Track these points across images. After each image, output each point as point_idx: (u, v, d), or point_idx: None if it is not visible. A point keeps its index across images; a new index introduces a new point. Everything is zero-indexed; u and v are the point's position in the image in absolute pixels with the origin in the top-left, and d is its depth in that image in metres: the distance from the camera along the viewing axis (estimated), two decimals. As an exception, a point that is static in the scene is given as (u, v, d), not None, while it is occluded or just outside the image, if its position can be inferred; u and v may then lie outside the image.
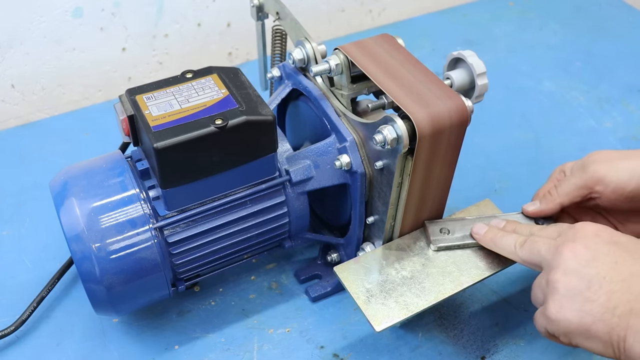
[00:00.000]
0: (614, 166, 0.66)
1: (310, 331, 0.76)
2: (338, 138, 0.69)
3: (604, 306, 0.54)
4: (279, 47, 0.82)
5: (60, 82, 1.14)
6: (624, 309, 0.54)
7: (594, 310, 0.55)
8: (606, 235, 0.58)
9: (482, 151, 1.01)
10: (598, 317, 0.54)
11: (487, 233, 0.69)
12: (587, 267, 0.56)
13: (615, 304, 0.54)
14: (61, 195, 0.65)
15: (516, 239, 0.65)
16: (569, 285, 0.57)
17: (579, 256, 0.57)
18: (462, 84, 0.68)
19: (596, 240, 0.58)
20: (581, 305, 0.55)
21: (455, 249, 0.70)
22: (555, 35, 1.30)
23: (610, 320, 0.54)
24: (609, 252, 0.57)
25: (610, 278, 0.55)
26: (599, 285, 0.55)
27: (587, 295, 0.55)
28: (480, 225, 0.70)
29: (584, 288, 0.56)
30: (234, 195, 0.68)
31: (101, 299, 0.65)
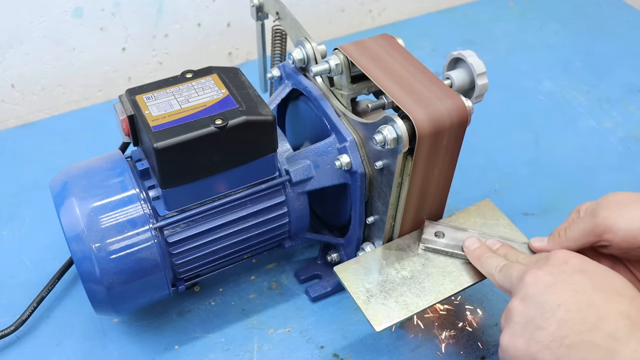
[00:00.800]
0: (624, 213, 0.61)
1: (310, 331, 0.76)
2: (338, 138, 0.69)
3: (553, 334, 0.52)
4: (278, 47, 0.82)
5: (60, 82, 1.14)
6: (574, 339, 0.51)
7: (542, 337, 0.53)
8: (576, 262, 0.56)
9: (482, 151, 1.01)
10: (545, 345, 0.52)
11: (476, 250, 0.67)
12: (544, 294, 0.54)
13: (565, 334, 0.52)
14: (61, 195, 0.65)
15: (498, 263, 0.63)
16: (524, 313, 0.55)
17: (540, 283, 0.55)
18: (462, 84, 0.68)
19: (563, 267, 0.56)
20: (531, 333, 0.54)
21: (442, 254, 0.70)
22: (555, 35, 1.30)
23: (557, 349, 0.52)
24: (572, 280, 0.54)
25: (566, 307, 0.53)
26: (552, 312, 0.53)
27: (539, 322, 0.53)
28: (473, 240, 0.68)
29: (537, 315, 0.54)
30: (234, 195, 0.68)
31: (101, 299, 0.65)
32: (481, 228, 0.73)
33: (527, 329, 0.54)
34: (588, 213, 0.64)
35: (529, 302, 0.55)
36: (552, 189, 0.95)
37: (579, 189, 0.95)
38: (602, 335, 0.50)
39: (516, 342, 0.55)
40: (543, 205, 0.92)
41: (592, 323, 0.51)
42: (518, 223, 0.74)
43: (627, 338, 0.50)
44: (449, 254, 0.70)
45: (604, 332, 0.50)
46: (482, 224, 0.73)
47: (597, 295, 0.53)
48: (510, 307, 0.57)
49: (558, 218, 0.89)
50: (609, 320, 0.51)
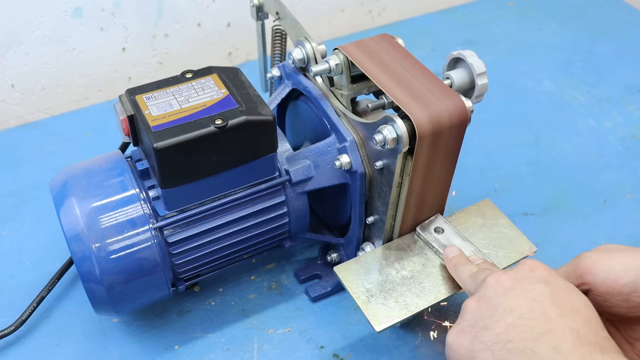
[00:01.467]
0: (607, 258, 0.59)
1: (310, 331, 0.76)
2: (338, 138, 0.69)
3: (498, 336, 0.52)
4: (278, 47, 0.82)
5: (60, 82, 1.14)
6: (517, 345, 0.51)
7: (486, 338, 0.53)
8: (542, 272, 0.56)
9: (482, 151, 1.01)
10: (487, 346, 0.52)
11: (454, 258, 0.66)
12: (501, 296, 0.54)
13: (510, 338, 0.51)
14: (61, 195, 0.65)
15: (471, 269, 0.62)
16: (475, 312, 0.55)
17: (500, 286, 0.55)
18: (461, 83, 0.68)
19: (528, 274, 0.56)
20: (477, 332, 0.53)
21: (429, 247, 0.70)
22: (555, 35, 1.30)
23: (497, 352, 0.51)
24: (533, 289, 0.54)
25: (519, 313, 0.52)
26: (502, 315, 0.53)
27: (487, 322, 0.53)
28: (454, 248, 0.68)
29: (488, 316, 0.54)
30: (234, 195, 0.68)
31: (101, 299, 0.65)
32: (481, 228, 0.73)
33: (474, 327, 0.54)
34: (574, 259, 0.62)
35: (484, 302, 0.55)
36: (552, 189, 0.95)
37: (579, 189, 0.95)
38: (546, 347, 0.50)
39: (461, 339, 0.55)
40: (543, 205, 0.92)
41: (540, 333, 0.51)
42: (518, 223, 0.74)
43: (569, 353, 0.49)
44: (433, 249, 0.70)
45: (548, 343, 0.50)
46: (482, 224, 0.73)
47: (552, 308, 0.52)
48: (464, 304, 0.57)
49: (558, 218, 0.90)
50: (557, 334, 0.50)
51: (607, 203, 0.93)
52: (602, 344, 0.50)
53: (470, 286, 0.61)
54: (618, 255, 0.59)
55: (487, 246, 0.71)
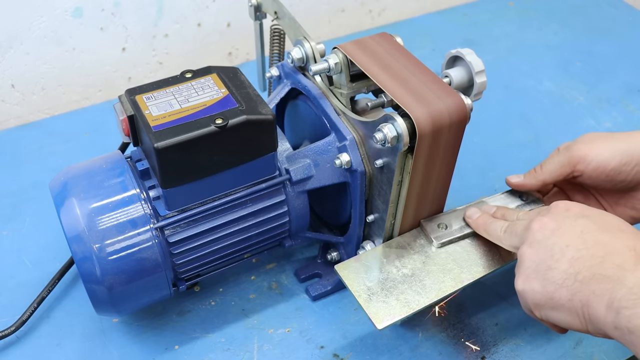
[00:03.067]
0: (596, 145, 0.68)
1: (310, 331, 0.76)
2: (338, 137, 0.69)
3: (565, 272, 0.55)
4: (277, 47, 0.82)
5: (60, 82, 1.14)
6: (586, 274, 0.54)
7: (555, 277, 0.55)
8: (577, 209, 0.59)
9: (482, 151, 1.01)
10: (559, 284, 0.55)
11: (479, 218, 0.70)
12: (551, 237, 0.57)
13: (577, 270, 0.54)
14: (61, 196, 0.65)
15: (502, 225, 0.66)
16: (533, 257, 0.58)
17: (545, 228, 0.58)
18: (460, 81, 0.68)
19: (566, 214, 0.59)
20: (544, 274, 0.56)
21: (457, 241, 0.71)
22: (555, 35, 1.30)
23: (571, 286, 0.54)
24: (577, 223, 0.57)
25: (575, 246, 0.55)
26: (561, 253, 0.56)
27: (549, 263, 0.56)
28: (473, 209, 0.71)
29: (547, 257, 0.56)
30: (234, 195, 0.68)
31: (102, 300, 0.65)
32: None
33: (539, 271, 0.57)
34: (564, 148, 0.70)
35: (537, 246, 0.58)
36: (552, 189, 0.95)
37: (579, 188, 0.95)
38: (612, 267, 0.53)
39: (531, 284, 0.57)
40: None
41: (601, 257, 0.54)
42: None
43: (633, 267, 0.52)
44: (462, 237, 0.71)
45: (613, 264, 0.53)
46: None
47: (602, 234, 0.56)
48: (520, 254, 0.59)
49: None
50: (617, 254, 0.54)
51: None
52: None
53: (509, 240, 0.64)
54: (604, 143, 0.68)
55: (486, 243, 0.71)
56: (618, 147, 0.68)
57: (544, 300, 0.56)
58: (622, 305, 0.50)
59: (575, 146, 0.69)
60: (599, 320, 0.52)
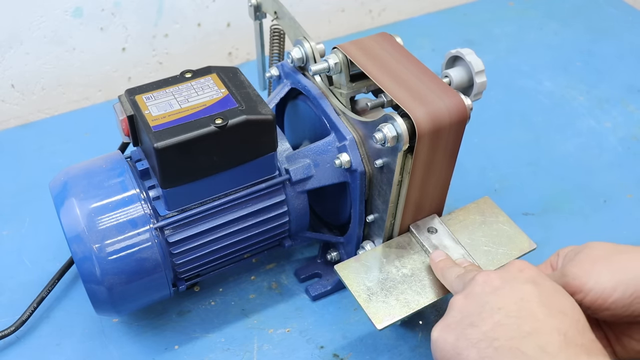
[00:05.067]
0: (594, 273, 0.58)
1: (310, 331, 0.76)
2: (337, 137, 0.69)
3: (484, 334, 0.52)
4: (277, 47, 0.82)
5: (60, 82, 1.14)
6: (504, 343, 0.50)
7: (472, 335, 0.52)
8: (530, 273, 0.56)
9: (482, 151, 1.01)
10: (473, 343, 0.52)
11: (440, 262, 0.66)
12: (489, 294, 0.54)
13: (497, 336, 0.51)
14: (61, 196, 0.65)
15: (457, 271, 0.62)
16: (462, 309, 0.55)
17: (488, 284, 0.55)
18: (460, 81, 0.68)
19: (516, 274, 0.55)
20: (463, 329, 0.53)
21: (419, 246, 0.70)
22: (555, 35, 1.30)
23: (484, 349, 0.51)
24: (521, 289, 0.54)
25: (507, 312, 0.52)
26: (490, 313, 0.53)
27: (474, 319, 0.53)
28: (440, 252, 0.67)
29: (475, 313, 0.53)
30: (234, 195, 0.68)
31: (102, 300, 0.65)
32: (480, 226, 0.73)
33: (460, 324, 0.54)
34: (560, 271, 0.61)
35: (471, 299, 0.55)
36: (552, 189, 0.95)
37: (579, 189, 0.95)
38: (533, 346, 0.50)
39: (446, 335, 0.54)
40: (543, 205, 0.92)
41: (527, 332, 0.51)
42: (518, 223, 0.74)
43: (555, 354, 0.49)
44: (424, 249, 0.70)
45: (535, 343, 0.50)
46: (482, 221, 0.73)
47: (540, 308, 0.52)
48: (451, 301, 0.57)
49: (558, 218, 0.90)
50: (544, 334, 0.50)
51: (607, 203, 0.93)
52: (588, 346, 0.50)
53: (457, 287, 0.60)
54: (605, 269, 0.58)
55: (487, 243, 0.71)
56: (622, 276, 0.57)
57: (450, 354, 0.53)
58: None
59: (572, 272, 0.59)
60: None
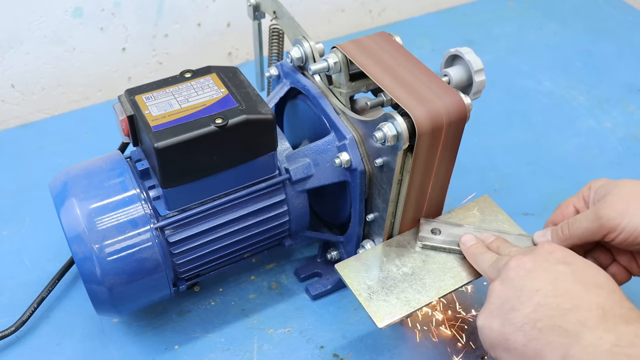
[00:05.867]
0: (628, 213, 0.62)
1: (310, 331, 0.76)
2: (337, 136, 0.69)
3: (526, 317, 0.54)
4: (276, 47, 0.82)
5: (60, 82, 1.14)
6: (547, 323, 0.52)
7: (516, 319, 0.54)
8: (560, 254, 0.58)
9: (482, 151, 1.01)
10: (518, 327, 0.54)
11: (472, 247, 0.67)
12: (524, 278, 0.56)
13: (539, 317, 0.53)
14: (61, 196, 0.65)
15: (490, 258, 0.64)
16: (501, 294, 0.57)
17: (521, 267, 0.57)
18: (459, 80, 0.68)
19: (547, 257, 0.57)
20: (506, 314, 0.55)
21: (439, 250, 0.70)
22: (555, 35, 1.30)
23: (529, 331, 0.53)
24: (554, 269, 0.56)
25: (544, 292, 0.54)
26: (528, 296, 0.54)
27: (514, 304, 0.55)
28: (469, 236, 0.69)
29: (514, 297, 0.55)
30: (234, 194, 0.68)
31: (103, 300, 0.65)
32: (480, 224, 0.73)
33: (502, 310, 0.56)
34: (593, 210, 0.64)
35: (507, 284, 0.57)
36: (552, 189, 0.95)
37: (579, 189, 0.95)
38: (573, 322, 0.52)
39: (491, 322, 0.56)
40: (543, 205, 0.92)
41: (566, 309, 0.52)
42: (518, 223, 0.74)
43: (595, 326, 0.51)
44: (446, 250, 0.70)
45: (575, 318, 0.52)
46: (481, 220, 0.73)
47: (576, 286, 0.54)
48: (490, 288, 0.59)
49: (558, 217, 0.90)
50: (583, 309, 0.52)
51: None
52: (627, 316, 0.52)
53: (491, 274, 0.62)
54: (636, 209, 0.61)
55: None
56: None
57: (498, 340, 0.55)
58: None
59: (606, 213, 0.63)
60: None
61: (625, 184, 0.65)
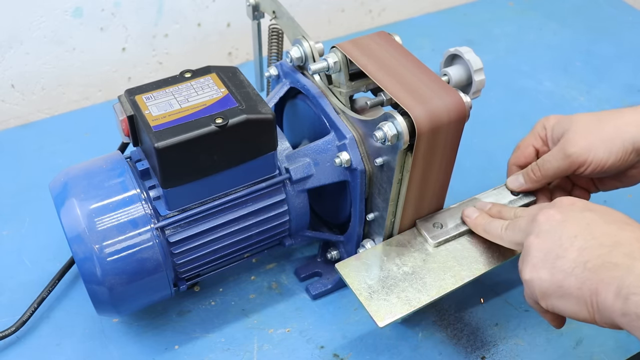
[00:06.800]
0: (593, 147, 0.69)
1: (310, 331, 0.76)
2: (337, 135, 0.69)
3: (575, 261, 0.55)
4: (275, 46, 0.82)
5: (60, 82, 1.14)
6: (595, 262, 0.54)
7: (565, 265, 0.55)
8: (581, 204, 0.60)
9: (482, 151, 1.01)
10: (569, 272, 0.55)
11: (478, 218, 0.70)
12: (559, 227, 0.58)
13: (586, 259, 0.55)
14: (61, 197, 0.65)
15: (502, 223, 0.66)
16: (541, 246, 0.58)
17: (552, 219, 0.59)
18: (459, 80, 0.68)
19: (571, 207, 0.60)
20: (553, 263, 0.56)
21: (452, 240, 0.71)
22: (555, 35, 1.30)
23: (581, 274, 0.54)
24: (583, 216, 0.58)
25: (583, 236, 0.56)
26: (570, 242, 0.56)
27: (558, 252, 0.56)
28: (471, 209, 0.72)
29: (555, 246, 0.57)
30: (234, 194, 0.68)
31: (103, 300, 0.65)
32: None
33: (547, 260, 0.57)
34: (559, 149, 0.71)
35: (545, 236, 0.58)
36: (553, 188, 0.95)
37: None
38: (620, 255, 0.53)
39: (539, 273, 0.57)
40: (543, 205, 0.92)
41: (610, 246, 0.54)
42: (518, 222, 0.74)
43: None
44: (457, 235, 0.71)
45: (621, 252, 0.53)
46: None
47: (609, 226, 0.57)
48: (526, 244, 0.60)
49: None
50: (625, 244, 0.54)
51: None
52: None
53: (511, 236, 0.65)
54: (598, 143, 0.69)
55: None
56: (613, 145, 0.69)
57: (552, 289, 0.56)
58: (631, 292, 0.50)
59: (572, 149, 0.70)
60: (607, 308, 0.52)
61: (579, 119, 0.71)
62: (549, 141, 0.75)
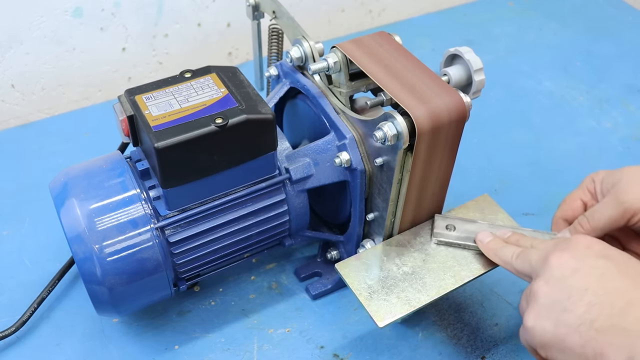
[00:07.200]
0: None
1: (310, 331, 0.76)
2: (337, 135, 0.69)
3: (581, 318, 0.53)
4: (275, 46, 0.82)
5: (60, 82, 1.14)
6: (603, 323, 0.52)
7: (570, 320, 0.53)
8: (598, 248, 0.57)
9: (482, 151, 1.01)
10: (573, 328, 0.53)
11: (490, 243, 0.67)
12: (570, 277, 0.55)
13: (594, 317, 0.52)
14: (61, 197, 0.65)
15: (514, 251, 0.64)
16: (549, 294, 0.56)
17: (564, 266, 0.56)
18: (459, 80, 0.68)
19: (586, 252, 0.56)
20: (558, 315, 0.54)
21: (455, 247, 0.70)
22: (555, 35, 1.30)
23: (585, 332, 0.52)
24: (597, 265, 0.55)
25: (594, 291, 0.53)
26: (579, 296, 0.54)
27: (566, 305, 0.54)
28: (485, 233, 0.69)
29: (563, 298, 0.54)
30: (234, 194, 0.68)
31: (103, 300, 0.65)
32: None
33: (553, 311, 0.55)
34: (611, 199, 0.66)
35: (554, 284, 0.56)
36: (552, 189, 0.95)
37: (580, 188, 0.95)
38: (632, 320, 0.51)
39: (543, 323, 0.55)
40: (543, 205, 0.92)
41: (621, 307, 0.52)
42: (518, 223, 0.74)
43: None
44: (461, 246, 0.70)
45: (633, 316, 0.51)
46: (481, 219, 0.73)
47: (623, 281, 0.53)
48: (534, 288, 0.57)
49: (558, 217, 0.90)
50: (637, 305, 0.52)
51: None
52: None
53: (521, 266, 0.62)
54: None
55: None
56: None
57: (553, 341, 0.54)
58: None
59: (627, 197, 0.64)
60: None
61: (630, 170, 0.66)
62: (598, 195, 0.70)
